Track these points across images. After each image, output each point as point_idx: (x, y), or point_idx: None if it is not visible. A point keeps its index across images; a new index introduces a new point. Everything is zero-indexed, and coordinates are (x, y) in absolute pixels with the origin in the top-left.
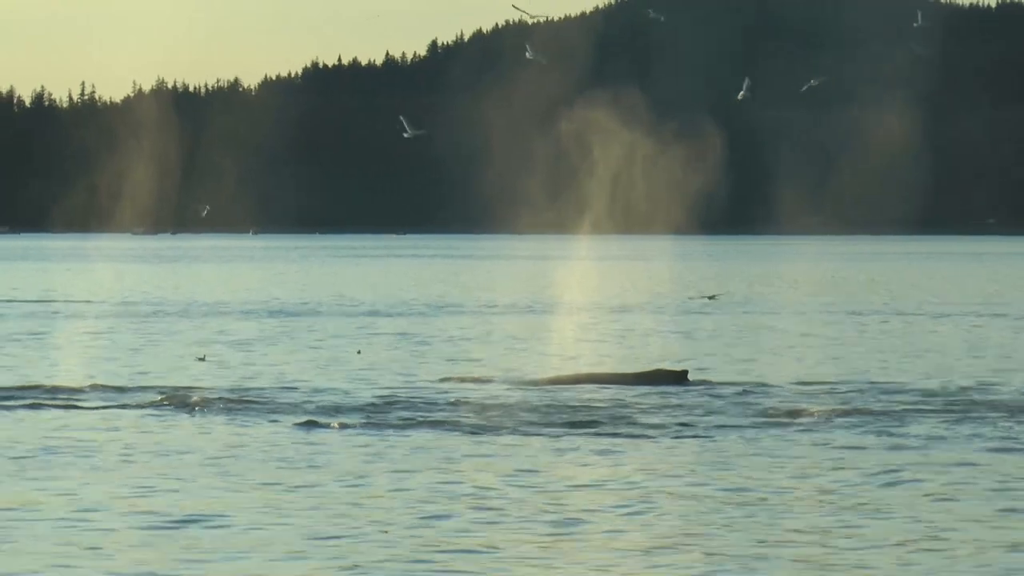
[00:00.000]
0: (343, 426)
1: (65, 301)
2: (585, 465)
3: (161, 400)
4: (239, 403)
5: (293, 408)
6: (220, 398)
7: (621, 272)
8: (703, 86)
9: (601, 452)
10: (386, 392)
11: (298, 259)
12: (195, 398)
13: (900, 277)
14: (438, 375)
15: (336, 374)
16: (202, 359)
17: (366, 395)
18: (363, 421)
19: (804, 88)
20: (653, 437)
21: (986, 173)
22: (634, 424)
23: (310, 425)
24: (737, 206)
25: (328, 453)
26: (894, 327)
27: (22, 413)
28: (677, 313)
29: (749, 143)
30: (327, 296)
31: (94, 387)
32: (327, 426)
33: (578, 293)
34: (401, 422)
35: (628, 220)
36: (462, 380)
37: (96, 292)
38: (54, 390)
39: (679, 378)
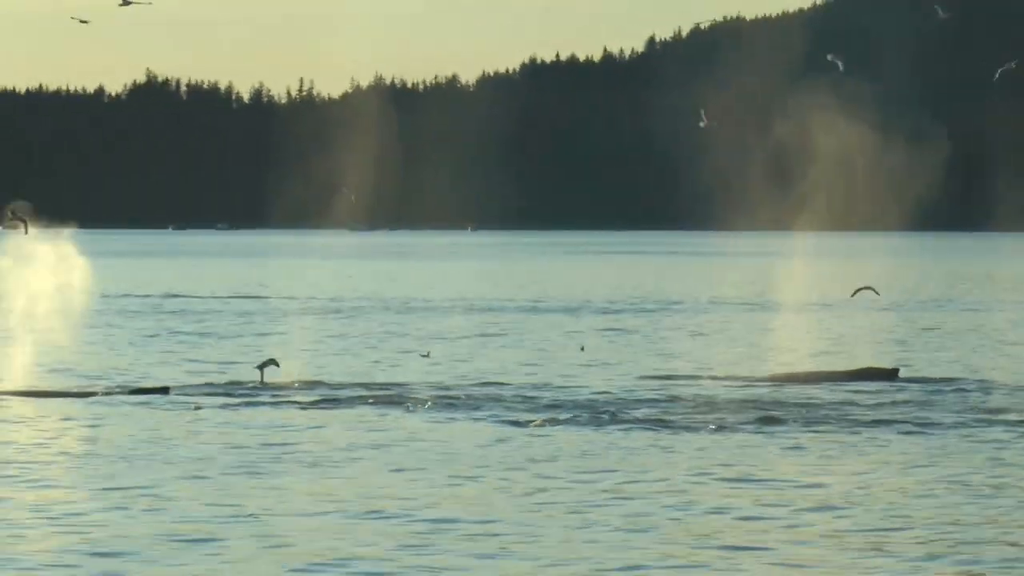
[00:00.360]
0: (571, 422)
1: (289, 297)
2: (816, 462)
3: (384, 397)
4: (464, 399)
5: (519, 405)
6: (443, 395)
7: (835, 269)
8: (923, 82)
9: (826, 448)
10: (610, 389)
11: (520, 255)
12: (420, 395)
13: None
14: (658, 371)
15: (560, 370)
16: (426, 355)
17: (587, 392)
18: (589, 417)
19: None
20: (873, 434)
21: None
22: (853, 421)
23: (539, 423)
24: (962, 203)
25: (557, 451)
26: None
27: (246, 411)
28: (887, 310)
29: (973, 139)
30: (547, 292)
31: (316, 383)
32: (553, 423)
33: (793, 290)
34: (626, 419)
35: (848, 216)
36: (681, 377)
37: (319, 288)
38: (285, 388)
39: (890, 375)
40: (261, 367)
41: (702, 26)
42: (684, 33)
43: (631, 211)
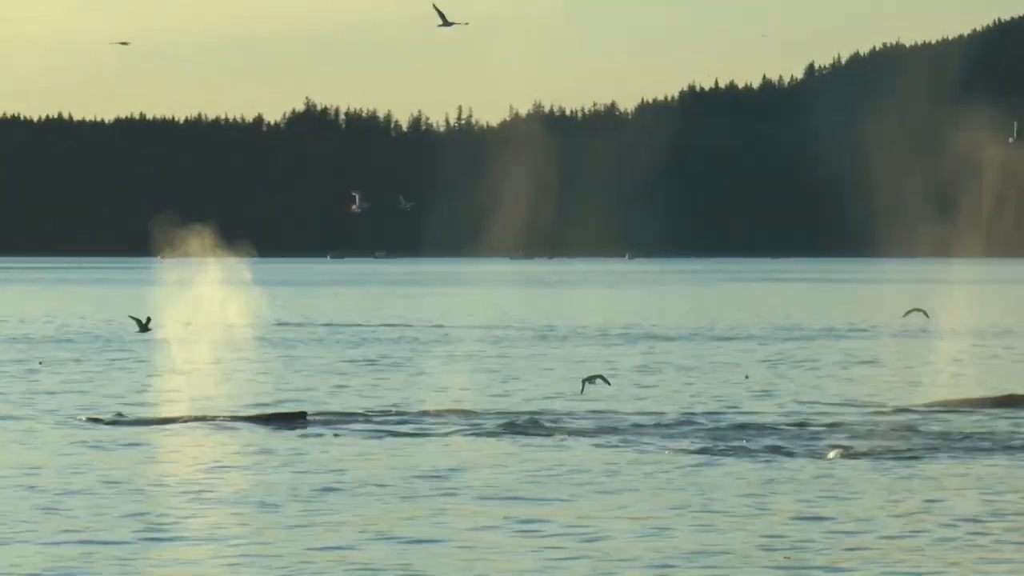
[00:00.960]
0: (729, 451)
1: (462, 327)
2: (986, 490)
3: (543, 427)
4: (625, 428)
5: (673, 433)
6: (603, 425)
7: (989, 296)
8: None
9: (985, 475)
10: (782, 416)
11: (680, 283)
12: (579, 425)
13: None
14: (823, 398)
15: (724, 399)
16: (592, 381)
17: (766, 419)
18: (766, 446)
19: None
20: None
21: None
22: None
23: (696, 451)
24: None
25: (710, 480)
26: None
27: (391, 440)
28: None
29: None
30: (707, 319)
31: (460, 412)
32: (717, 451)
33: (949, 317)
34: (800, 446)
35: (1008, 243)
36: (842, 404)
37: (492, 316)
38: (430, 414)
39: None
40: (587, 380)
41: (861, 52)
42: (844, 59)
43: (788, 239)
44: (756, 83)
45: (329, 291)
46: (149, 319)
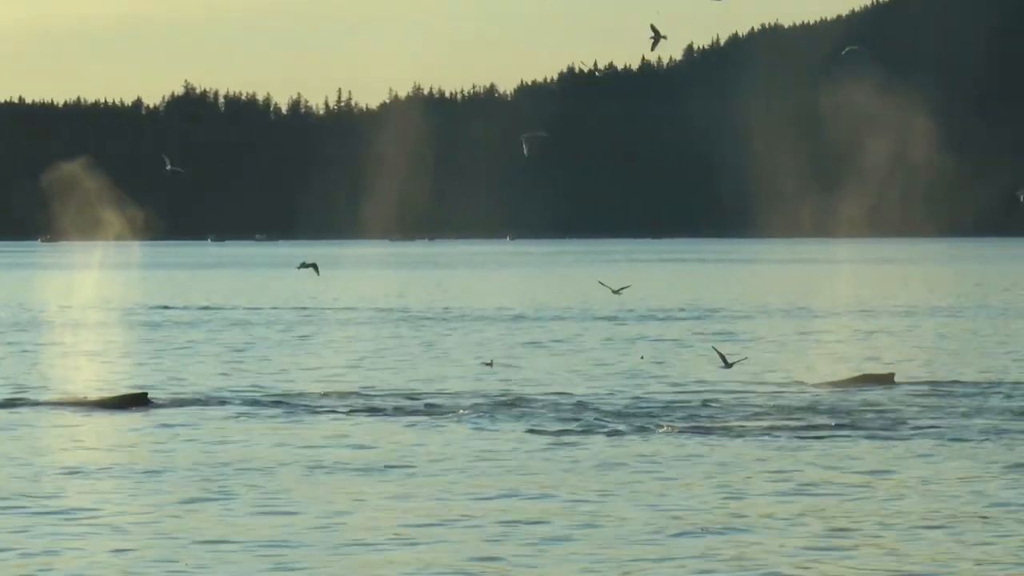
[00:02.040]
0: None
1: (334, 308)
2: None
3: (434, 406)
4: (521, 406)
5: (575, 413)
6: (502, 402)
7: (874, 275)
8: (960, 87)
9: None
10: (668, 394)
11: (562, 264)
12: (469, 403)
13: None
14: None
15: (615, 379)
16: (489, 364)
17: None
18: (636, 426)
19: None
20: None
21: None
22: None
23: (667, 428)
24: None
25: (569, 459)
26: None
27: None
28: (889, 317)
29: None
30: (592, 300)
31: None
32: (569, 432)
33: (830, 297)
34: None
35: (890, 222)
36: (726, 384)
37: (368, 298)
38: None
39: (887, 380)
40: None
41: (740, 34)
42: (723, 41)
43: (669, 219)
44: (635, 65)
45: (209, 274)
46: None
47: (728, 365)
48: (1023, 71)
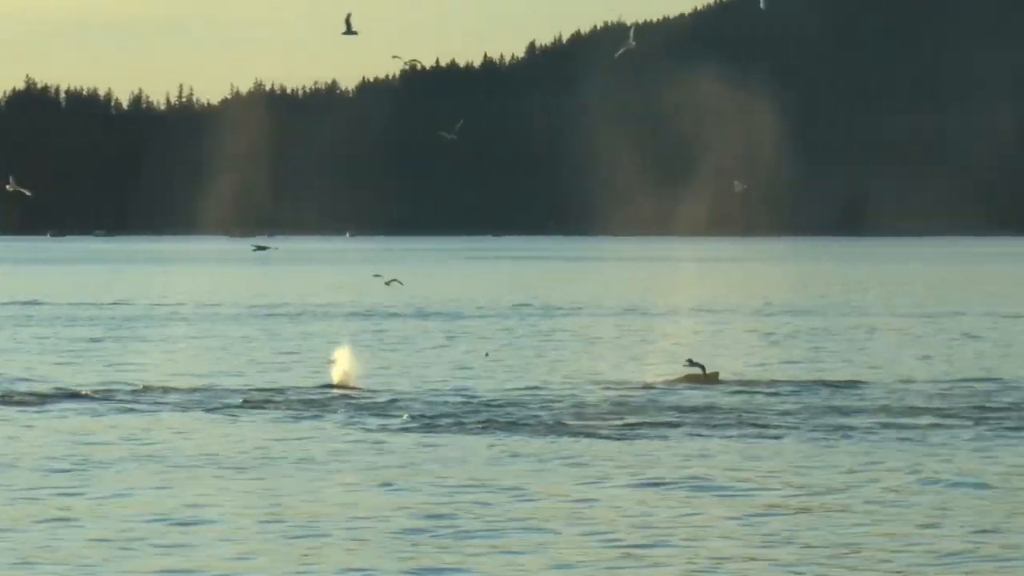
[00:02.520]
0: (430, 427)
1: (158, 304)
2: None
3: (243, 401)
4: (326, 402)
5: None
6: (308, 398)
7: (705, 274)
8: (802, 88)
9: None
10: (492, 394)
11: (402, 261)
12: (287, 398)
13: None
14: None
15: (450, 375)
16: (331, 361)
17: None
18: (452, 422)
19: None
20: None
21: None
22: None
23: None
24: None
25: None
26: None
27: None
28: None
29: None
30: (430, 298)
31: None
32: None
33: (672, 295)
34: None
35: (733, 221)
36: (566, 383)
37: (197, 295)
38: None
39: (712, 379)
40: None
41: (582, 31)
42: (565, 39)
43: (512, 217)
44: (477, 62)
45: (47, 270)
46: None
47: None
48: (863, 72)
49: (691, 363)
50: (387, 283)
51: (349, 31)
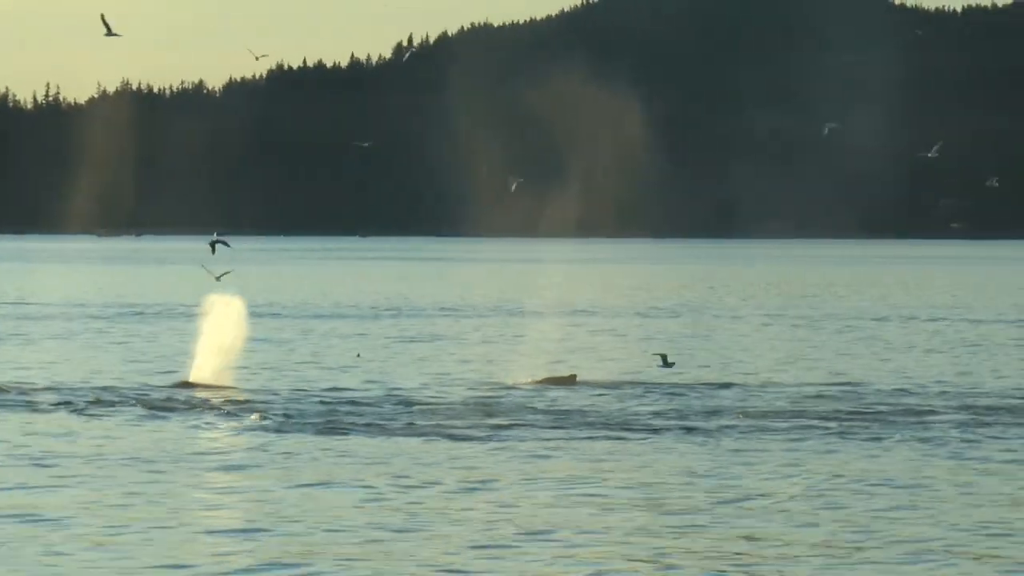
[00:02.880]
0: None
1: (27, 303)
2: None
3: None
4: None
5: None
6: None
7: (572, 275)
8: (671, 89)
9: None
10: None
11: (270, 261)
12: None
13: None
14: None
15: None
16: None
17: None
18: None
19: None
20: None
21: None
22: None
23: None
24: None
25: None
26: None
27: None
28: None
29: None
30: (304, 298)
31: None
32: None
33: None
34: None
35: (600, 222)
36: (422, 382)
37: (59, 294)
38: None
39: (569, 381)
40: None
41: (450, 32)
42: (432, 39)
43: (375, 217)
44: (344, 62)
45: None
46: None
47: None
48: (735, 73)
49: (661, 359)
50: (217, 278)
51: (110, 32)
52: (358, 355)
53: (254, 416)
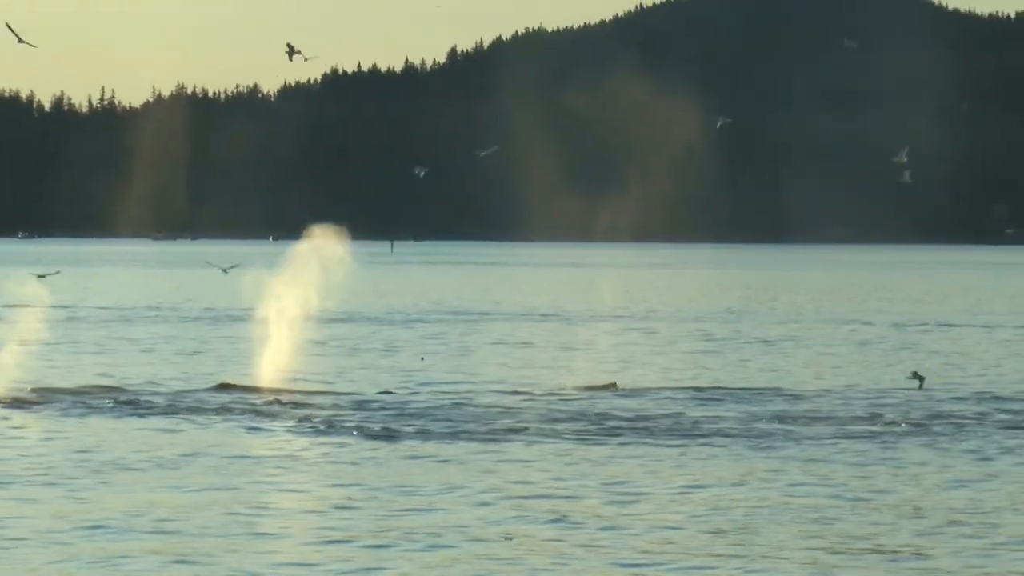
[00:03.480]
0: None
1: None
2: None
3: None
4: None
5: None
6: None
7: (629, 281)
8: (724, 93)
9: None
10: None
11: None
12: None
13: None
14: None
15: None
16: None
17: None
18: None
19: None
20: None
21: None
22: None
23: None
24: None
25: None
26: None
27: None
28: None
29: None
30: (362, 301)
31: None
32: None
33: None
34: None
35: (659, 226)
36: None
37: (126, 296)
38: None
39: (610, 388)
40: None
41: (504, 37)
42: (486, 44)
43: (432, 221)
44: (399, 66)
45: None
46: None
47: None
48: (790, 76)
49: (915, 375)
50: (224, 271)
51: (20, 40)
52: (422, 359)
53: (316, 421)
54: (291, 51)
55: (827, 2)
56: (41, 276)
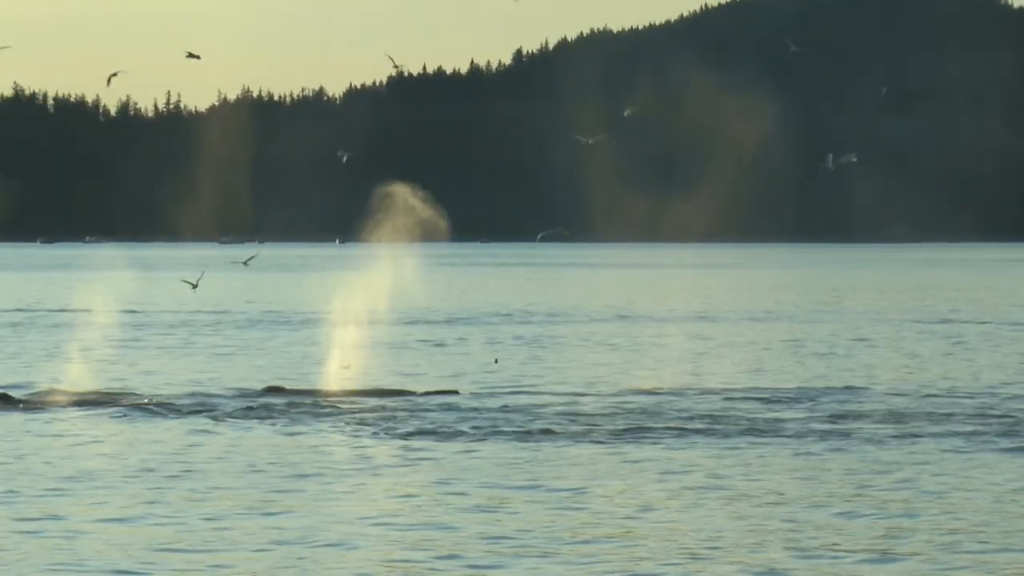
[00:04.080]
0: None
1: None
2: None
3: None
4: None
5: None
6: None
7: (705, 282)
8: (793, 92)
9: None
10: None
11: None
12: (279, 402)
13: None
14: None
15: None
16: (347, 367)
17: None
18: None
19: None
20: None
21: None
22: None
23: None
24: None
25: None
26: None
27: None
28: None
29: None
30: (446, 303)
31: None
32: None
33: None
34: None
35: (730, 227)
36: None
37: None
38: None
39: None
40: None
41: (569, 38)
42: (551, 45)
43: (499, 223)
44: (464, 68)
45: (39, 276)
46: None
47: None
48: (853, 75)
49: None
50: (245, 263)
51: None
52: (496, 360)
53: (383, 422)
54: (191, 55)
55: (893, 2)
56: (195, 286)
